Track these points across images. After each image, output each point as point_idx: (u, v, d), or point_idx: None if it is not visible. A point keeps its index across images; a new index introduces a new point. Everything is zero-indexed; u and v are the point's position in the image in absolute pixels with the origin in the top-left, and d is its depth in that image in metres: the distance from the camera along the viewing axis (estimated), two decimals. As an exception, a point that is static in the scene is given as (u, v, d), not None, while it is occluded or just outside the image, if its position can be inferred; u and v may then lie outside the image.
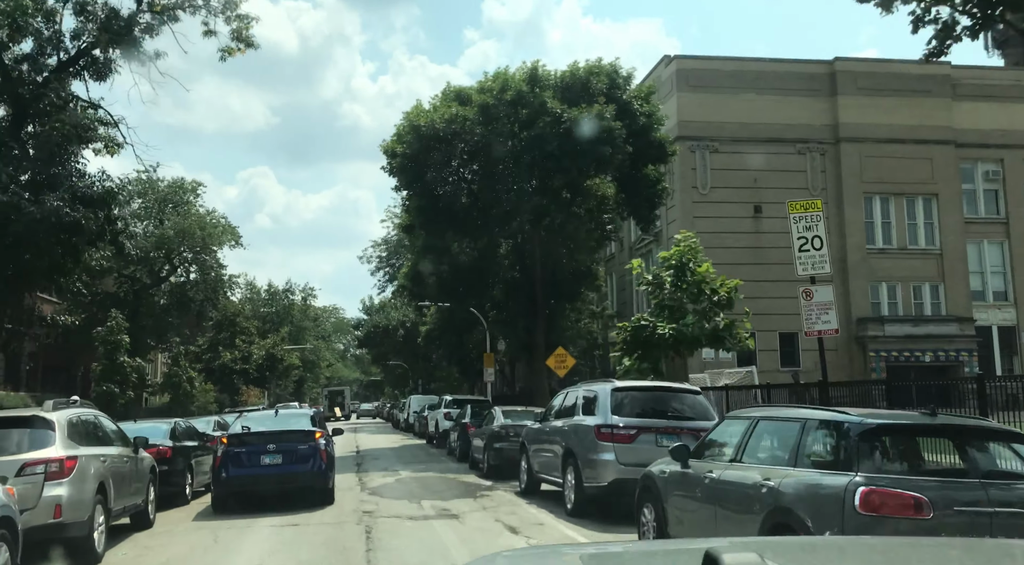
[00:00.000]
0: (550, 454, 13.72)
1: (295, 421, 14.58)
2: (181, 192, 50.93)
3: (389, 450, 29.22)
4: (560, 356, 24.94)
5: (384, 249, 54.39)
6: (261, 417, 15.08)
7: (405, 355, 65.24)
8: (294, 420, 14.66)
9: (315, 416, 14.79)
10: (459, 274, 26.52)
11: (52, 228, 14.43)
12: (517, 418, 19.20)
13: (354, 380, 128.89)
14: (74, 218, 14.43)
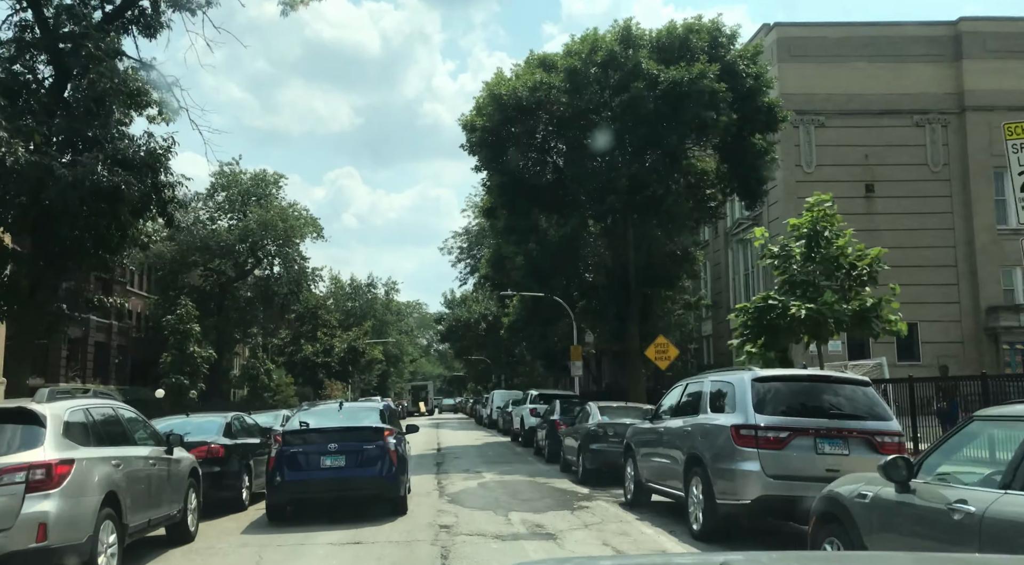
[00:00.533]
0: (666, 460, 11.07)
1: (361, 416, 12.38)
2: (263, 185, 50.18)
3: (472, 448, 27.01)
4: (661, 346, 22.12)
5: (465, 239, 52.41)
6: (323, 412, 12.93)
7: (487, 349, 63.26)
8: (360, 415, 12.46)
9: (385, 411, 12.53)
10: (544, 258, 23.98)
11: (89, 195, 12.67)
12: (616, 415, 16.56)
13: (437, 376, 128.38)
14: (113, 183, 12.65)
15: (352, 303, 70.09)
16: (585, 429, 16.30)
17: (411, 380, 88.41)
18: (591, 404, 17.25)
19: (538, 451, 23.57)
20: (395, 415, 13.59)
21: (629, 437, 12.98)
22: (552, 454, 21.17)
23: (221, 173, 49.19)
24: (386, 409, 12.75)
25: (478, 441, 31.05)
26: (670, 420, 11.27)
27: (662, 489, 11.36)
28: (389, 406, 13.17)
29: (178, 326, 26.35)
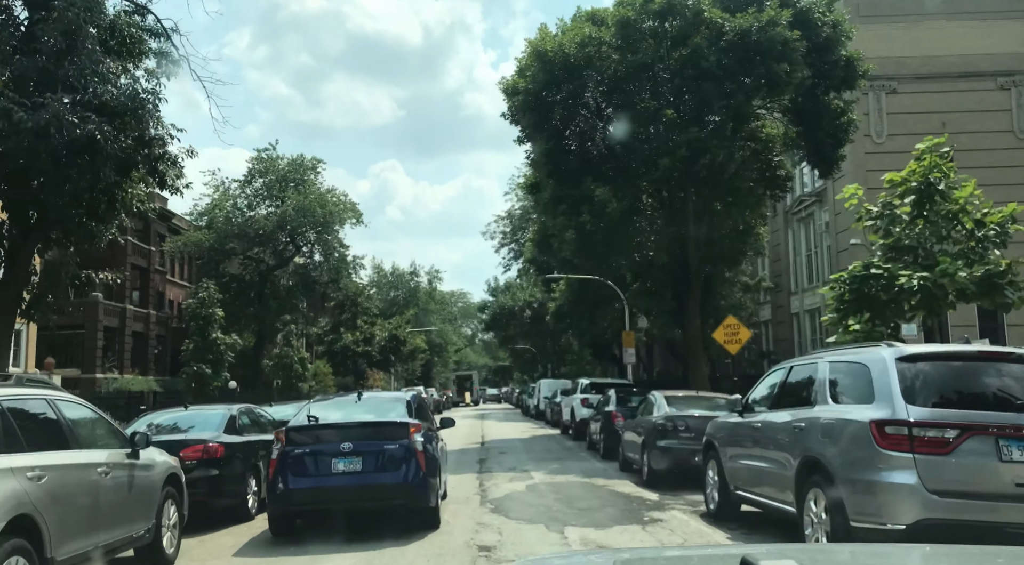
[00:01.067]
0: (766, 464, 8.60)
1: (382, 409, 10.13)
2: (301, 170, 48.50)
3: (518, 442, 24.75)
4: (731, 327, 19.46)
5: (508, 223, 50.14)
6: (337, 403, 10.70)
7: (533, 337, 61.00)
8: (381, 408, 10.22)
9: (412, 402, 10.25)
10: (597, 232, 21.46)
11: (61, 147, 10.61)
12: (685, 406, 14.09)
13: (483, 365, 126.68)
14: (86, 132, 10.58)
15: (395, 292, 68.39)
16: (650, 423, 13.86)
17: (456, 370, 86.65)
18: (656, 393, 14.78)
19: (592, 446, 21.20)
20: (425, 407, 11.32)
21: (711, 433, 10.52)
22: (608, 450, 18.79)
23: (258, 159, 47.66)
24: (414, 400, 10.48)
25: (525, 434, 28.80)
26: (769, 413, 8.78)
27: (760, 500, 8.89)
28: (419, 396, 10.89)
29: (199, 311, 24.48)
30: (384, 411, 10.04)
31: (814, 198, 40.54)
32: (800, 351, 42.52)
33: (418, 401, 10.74)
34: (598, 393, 24.99)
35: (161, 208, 47.62)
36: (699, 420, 13.23)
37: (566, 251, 22.09)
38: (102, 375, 36.87)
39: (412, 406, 10.12)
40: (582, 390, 25.60)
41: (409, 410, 10.00)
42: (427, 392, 48.92)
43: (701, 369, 24.45)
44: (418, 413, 10.14)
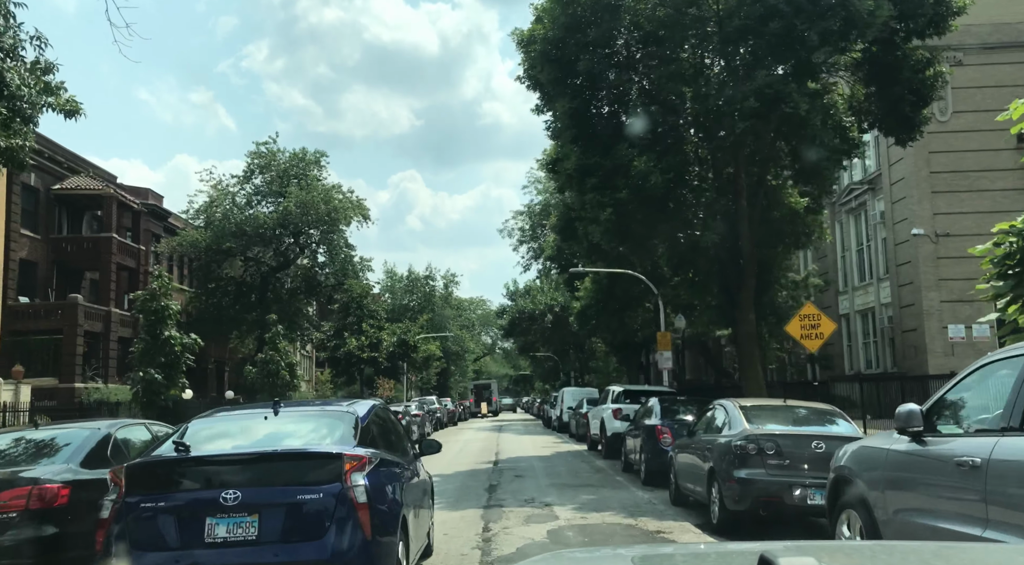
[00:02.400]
0: (999, 536, 4.50)
1: (307, 430, 6.08)
2: (303, 164, 44.88)
3: (538, 461, 20.64)
4: (810, 318, 15.12)
5: (527, 219, 46.15)
6: (237, 421, 6.55)
7: (554, 344, 56.83)
8: (307, 428, 6.15)
9: (361, 418, 6.17)
10: (630, 211, 17.35)
11: None
12: (771, 420, 9.96)
13: (503, 375, 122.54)
14: None
15: (409, 297, 64.51)
16: (722, 444, 9.75)
17: (475, 379, 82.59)
18: (727, 404, 10.63)
19: (629, 467, 17.08)
20: (390, 427, 7.20)
21: (850, 467, 6.36)
22: (652, 475, 14.69)
23: (257, 153, 44.12)
24: (367, 416, 6.39)
25: (546, 450, 24.69)
26: (1006, 440, 4.67)
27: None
28: (377, 410, 6.77)
29: (149, 304, 20.53)
30: (308, 434, 6.01)
31: (866, 186, 36.15)
32: (851, 356, 38.11)
33: (376, 418, 6.66)
34: (633, 402, 20.90)
35: (155, 206, 44.34)
36: (796, 441, 9.15)
37: (595, 234, 17.97)
38: (82, 384, 33.33)
39: (359, 425, 6.07)
40: (614, 399, 21.48)
41: (353, 432, 5.97)
42: (440, 403, 44.92)
43: (756, 374, 20.22)
44: (367, 436, 6.09)
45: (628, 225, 17.60)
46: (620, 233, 17.85)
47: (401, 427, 8.27)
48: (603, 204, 17.25)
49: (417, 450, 8.18)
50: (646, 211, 17.37)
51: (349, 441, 5.77)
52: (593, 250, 23.30)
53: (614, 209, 17.07)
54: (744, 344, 20.38)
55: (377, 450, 6.04)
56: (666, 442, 14.55)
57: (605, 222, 17.28)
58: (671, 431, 14.62)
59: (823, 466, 8.88)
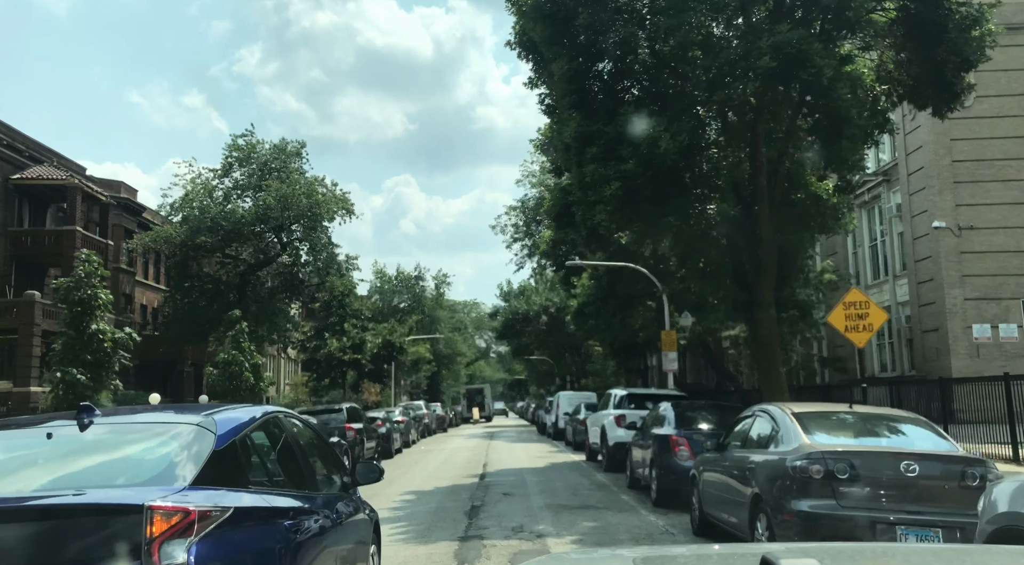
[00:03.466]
0: None
1: (105, 460, 3.38)
2: (284, 157, 42.30)
3: (530, 474, 18.07)
4: (857, 306, 12.53)
5: (521, 215, 43.65)
6: (13, 442, 4.01)
7: (550, 347, 54.31)
8: (106, 456, 3.40)
9: (219, 440, 3.48)
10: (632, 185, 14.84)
11: None
12: (836, 432, 7.45)
13: (498, 379, 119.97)
14: None
15: (399, 298, 61.83)
16: (774, 465, 7.22)
17: (468, 384, 79.93)
18: (776, 410, 8.09)
19: (636, 484, 14.56)
20: (290, 450, 4.53)
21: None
22: (666, 494, 12.20)
23: (235, 146, 41.52)
24: (235, 432, 3.77)
25: (540, 460, 22.14)
26: None
27: None
28: (266, 421, 4.14)
29: (72, 292, 17.89)
30: (113, 467, 3.43)
31: (881, 178, 33.76)
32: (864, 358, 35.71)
33: (252, 433, 4.03)
34: (638, 408, 18.40)
35: (128, 200, 41.79)
36: (878, 461, 6.69)
37: (599, 214, 15.44)
38: (40, 389, 30.67)
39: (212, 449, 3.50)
40: (616, 404, 18.95)
41: (196, 462, 3.39)
42: (429, 408, 42.29)
43: (777, 376, 17.72)
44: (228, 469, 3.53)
45: (636, 202, 15.09)
46: (627, 212, 15.34)
47: (327, 447, 5.72)
48: (607, 178, 14.73)
49: (351, 479, 5.66)
50: (656, 185, 14.87)
51: (180, 478, 3.23)
52: (593, 238, 20.80)
53: (620, 183, 14.56)
54: (763, 342, 17.88)
55: (244, 490, 3.52)
56: (683, 456, 12.06)
57: (610, 199, 14.75)
58: (688, 443, 12.13)
59: (917, 497, 6.37)
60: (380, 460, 23.94)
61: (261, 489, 3.75)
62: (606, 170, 14.75)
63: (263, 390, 24.74)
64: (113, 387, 17.95)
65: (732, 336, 32.86)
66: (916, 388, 27.18)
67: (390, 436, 24.82)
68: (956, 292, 29.25)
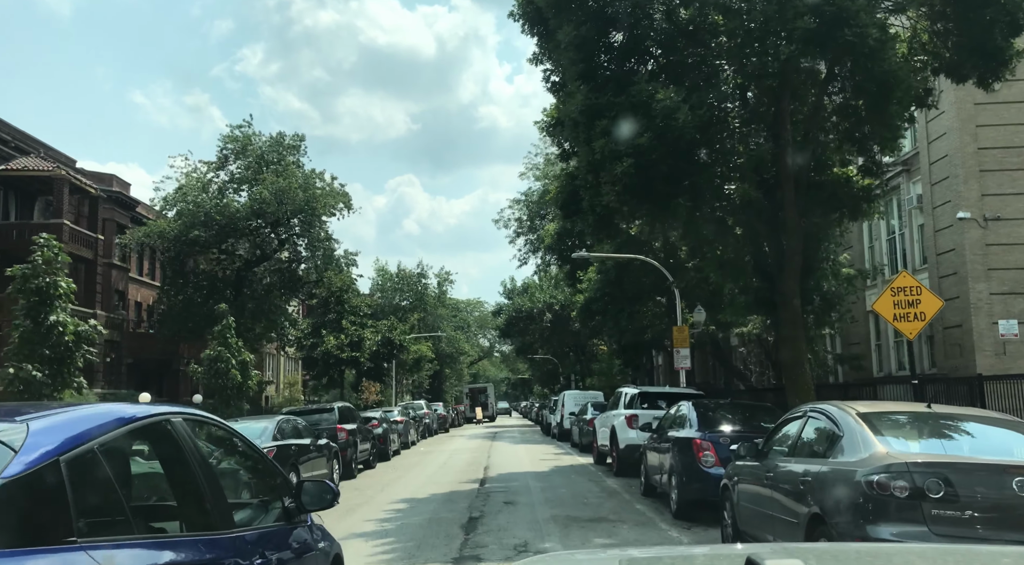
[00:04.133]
0: None
1: None
2: (281, 149, 40.92)
3: (534, 479, 16.60)
4: (908, 293, 11.00)
5: (524, 208, 42.13)
6: None
7: (554, 345, 52.83)
8: None
9: (28, 464, 2.12)
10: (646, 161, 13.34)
11: None
12: (918, 439, 5.99)
13: (502, 379, 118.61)
14: None
15: (400, 295, 60.28)
16: (842, 479, 5.73)
17: (471, 383, 78.45)
18: (836, 411, 6.58)
19: (651, 490, 13.11)
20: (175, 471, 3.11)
21: None
22: (688, 504, 10.76)
23: (231, 138, 40.13)
24: (60, 450, 2.23)
25: (544, 463, 20.66)
26: None
27: None
28: (106, 439, 2.70)
29: (29, 280, 16.47)
30: None
31: (900, 167, 32.25)
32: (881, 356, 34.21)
33: (85, 445, 2.48)
34: (651, 407, 16.96)
35: (121, 193, 40.46)
36: (979, 475, 5.20)
37: (609, 195, 14.00)
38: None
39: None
40: (627, 403, 17.49)
41: None
42: (431, 408, 40.82)
43: (803, 373, 16.23)
44: (34, 511, 2.12)
45: (649, 182, 13.62)
46: (638, 193, 13.86)
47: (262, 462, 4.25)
48: (618, 154, 13.26)
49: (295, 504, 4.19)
50: (671, 162, 13.39)
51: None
52: (601, 226, 19.32)
53: (632, 160, 13.09)
54: (787, 337, 16.38)
55: (63, 549, 2.08)
56: (708, 461, 10.61)
57: (622, 177, 13.28)
58: (714, 447, 10.67)
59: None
60: (376, 463, 22.54)
61: (105, 542, 2.31)
62: (617, 145, 13.28)
63: (251, 388, 23.32)
64: (76, 385, 16.48)
65: (745, 333, 31.36)
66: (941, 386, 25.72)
67: (387, 437, 23.39)
68: (981, 286, 27.70)
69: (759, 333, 31.90)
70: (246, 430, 14.05)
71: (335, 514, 12.60)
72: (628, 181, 13.39)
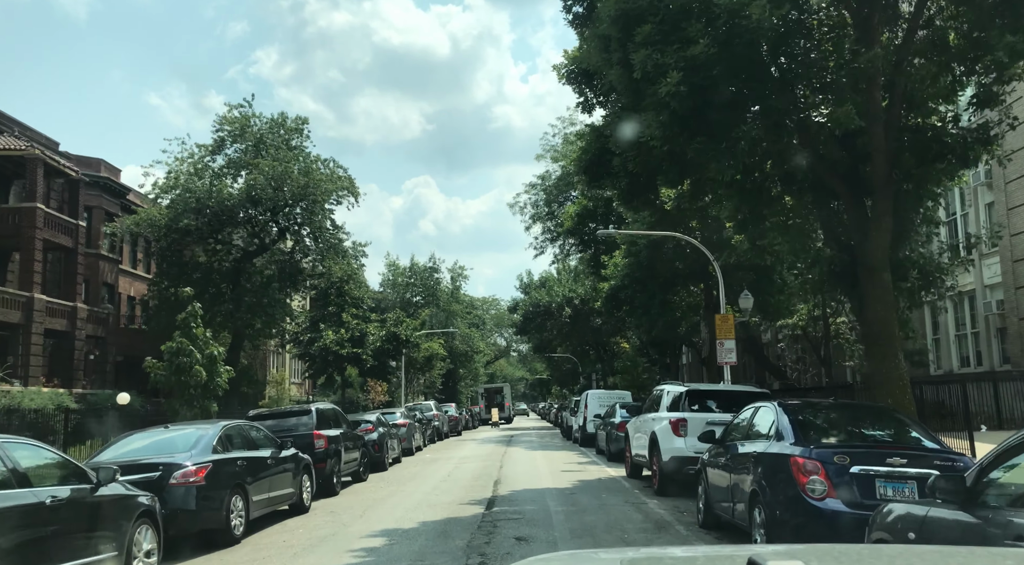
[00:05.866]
0: None
1: None
2: (282, 132, 37.65)
3: (555, 500, 13.01)
4: None
5: (541, 191, 38.57)
6: None
7: (573, 342, 49.22)
8: None
9: None
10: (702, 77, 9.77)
11: None
12: None
13: (519, 378, 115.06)
14: None
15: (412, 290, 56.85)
16: None
17: (487, 383, 74.90)
18: None
19: (714, 520, 9.56)
20: None
21: None
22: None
23: (228, 120, 36.92)
24: None
25: (566, 476, 17.04)
26: None
27: None
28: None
29: None
30: None
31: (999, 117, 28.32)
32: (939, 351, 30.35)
33: None
34: (701, 409, 13.38)
35: (109, 179, 37.39)
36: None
37: (651, 125, 10.46)
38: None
39: None
40: (670, 405, 13.89)
41: None
42: (440, 409, 37.33)
43: (896, 366, 12.61)
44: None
45: (706, 106, 10.07)
46: (692, 121, 10.29)
47: None
48: (664, 68, 9.72)
49: None
50: (735, 80, 9.85)
51: None
52: (635, 191, 15.82)
53: (684, 74, 9.54)
54: (874, 320, 12.72)
55: None
56: (816, 490, 7.04)
57: (669, 99, 9.73)
58: (824, 468, 7.08)
59: None
60: (367, 475, 19.06)
61: None
62: (664, 57, 9.72)
63: (221, 386, 19.96)
64: None
65: (789, 325, 27.64)
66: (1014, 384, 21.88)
67: (383, 444, 19.92)
68: (1065, 270, 23.83)
69: (804, 325, 28.20)
70: (167, 441, 10.63)
71: (278, 555, 9.18)
72: (678, 104, 9.80)
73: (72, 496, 6.72)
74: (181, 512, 9.31)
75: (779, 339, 38.28)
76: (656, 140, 10.68)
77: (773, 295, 22.26)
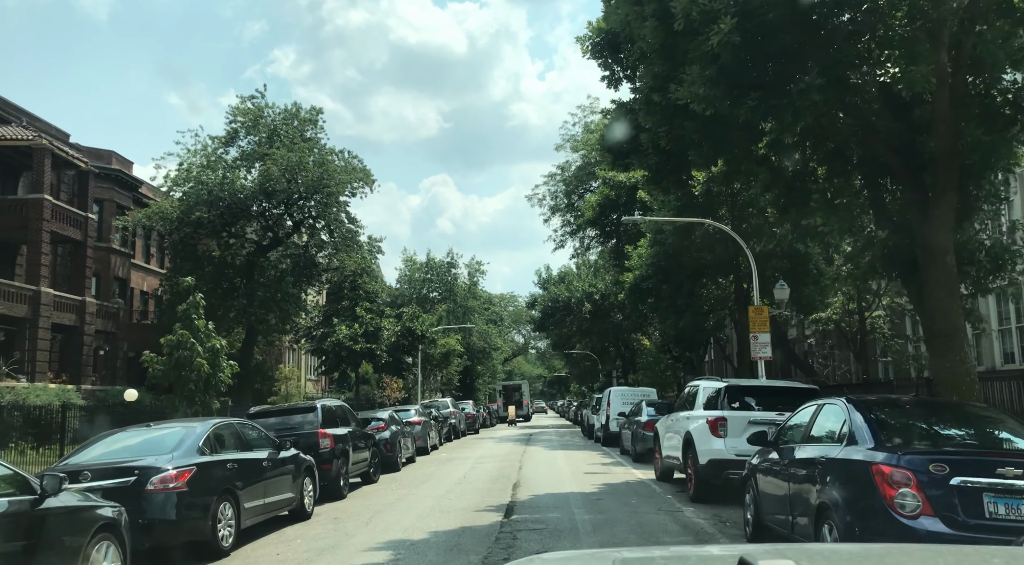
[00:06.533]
0: None
1: None
2: (296, 123, 36.67)
3: (580, 506, 11.76)
4: None
5: (561, 182, 37.24)
6: None
7: (593, 339, 47.87)
8: None
9: None
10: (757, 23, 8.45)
11: None
12: None
13: (537, 376, 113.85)
14: None
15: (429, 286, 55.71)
16: None
17: (505, 380, 73.68)
18: None
19: (762, 534, 8.25)
20: None
21: None
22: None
23: (241, 110, 35.99)
24: None
25: (590, 479, 15.77)
26: None
27: None
28: None
29: None
30: None
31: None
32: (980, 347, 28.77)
33: None
34: (741, 408, 12.10)
35: (120, 172, 36.59)
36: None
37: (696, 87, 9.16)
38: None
39: None
40: (706, 402, 12.59)
41: None
42: (457, 407, 36.18)
43: (963, 360, 11.26)
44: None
45: (761, 59, 8.77)
46: (742, 75, 8.97)
47: None
48: (714, 15, 8.43)
49: None
50: (794, 26, 8.53)
51: None
52: (665, 169, 14.57)
53: (737, 20, 8.26)
54: (938, 309, 11.34)
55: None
56: (908, 505, 5.76)
57: (721, 47, 8.43)
58: (916, 479, 5.78)
59: None
60: (378, 475, 17.90)
61: None
62: (712, 1, 8.42)
63: (222, 382, 18.88)
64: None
65: (823, 319, 26.15)
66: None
67: (395, 443, 18.76)
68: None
69: (838, 319, 26.73)
70: (149, 442, 9.49)
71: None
72: (730, 56, 8.49)
73: (7, 510, 5.57)
74: (159, 522, 8.18)
75: (807, 334, 36.76)
76: (699, 102, 9.36)
77: (808, 286, 20.85)
